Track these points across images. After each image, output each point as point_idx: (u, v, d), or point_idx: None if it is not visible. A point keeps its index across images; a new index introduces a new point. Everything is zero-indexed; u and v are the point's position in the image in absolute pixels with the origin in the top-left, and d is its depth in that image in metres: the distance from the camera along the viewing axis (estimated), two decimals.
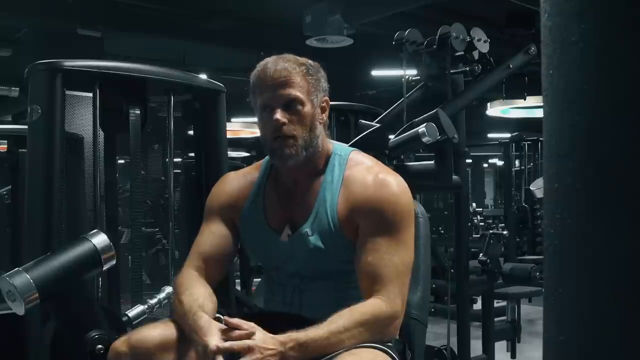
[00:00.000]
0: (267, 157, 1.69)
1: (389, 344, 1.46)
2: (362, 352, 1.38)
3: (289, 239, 1.58)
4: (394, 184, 1.54)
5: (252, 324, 1.35)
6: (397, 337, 1.51)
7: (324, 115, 1.60)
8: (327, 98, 1.60)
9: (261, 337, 1.32)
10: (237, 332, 1.34)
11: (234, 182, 1.70)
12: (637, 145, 0.58)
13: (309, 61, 1.58)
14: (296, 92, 1.51)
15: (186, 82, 2.17)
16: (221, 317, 1.51)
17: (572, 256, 0.63)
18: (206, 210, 1.70)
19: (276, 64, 1.53)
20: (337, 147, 1.64)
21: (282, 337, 1.33)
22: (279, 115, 1.50)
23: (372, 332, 1.42)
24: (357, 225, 1.52)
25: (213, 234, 1.64)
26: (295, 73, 1.52)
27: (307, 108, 1.53)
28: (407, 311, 1.54)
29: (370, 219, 1.50)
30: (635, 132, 0.58)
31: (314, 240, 1.54)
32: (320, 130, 1.58)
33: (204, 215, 1.70)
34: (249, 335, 1.32)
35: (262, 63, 1.56)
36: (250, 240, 1.68)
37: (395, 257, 1.48)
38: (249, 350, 1.30)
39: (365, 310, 1.42)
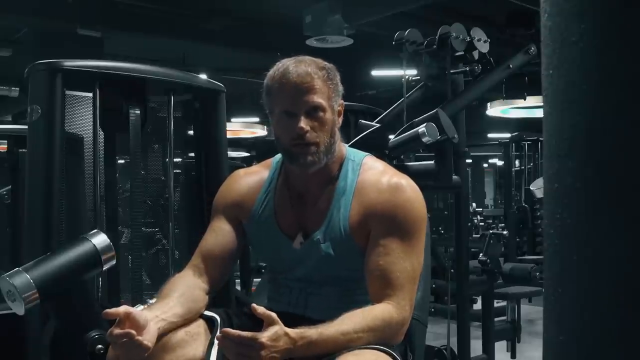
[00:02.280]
0: (276, 156, 1.68)
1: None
2: (365, 352, 1.37)
3: (301, 246, 1.57)
4: (408, 188, 1.53)
5: (275, 315, 1.30)
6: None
7: (340, 119, 1.58)
8: (342, 101, 1.59)
9: (274, 332, 1.28)
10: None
11: (242, 181, 1.69)
12: (637, 146, 0.58)
13: (327, 64, 1.55)
14: (320, 99, 1.49)
15: (186, 82, 2.17)
16: (216, 317, 1.50)
17: (572, 256, 0.63)
18: (213, 208, 1.69)
19: (297, 68, 1.50)
20: (350, 152, 1.63)
21: (295, 334, 1.30)
22: (303, 123, 1.48)
23: (381, 337, 1.41)
24: (369, 230, 1.51)
25: (217, 233, 1.63)
26: (318, 78, 1.50)
27: (329, 114, 1.52)
28: None
29: (384, 223, 1.49)
30: (635, 132, 0.58)
31: (326, 247, 1.53)
32: (338, 135, 1.57)
33: (212, 213, 1.69)
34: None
35: (281, 66, 1.52)
36: (258, 241, 1.67)
37: (407, 263, 1.48)
38: (259, 344, 1.25)
39: (376, 315, 1.42)
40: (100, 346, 1.61)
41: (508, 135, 7.47)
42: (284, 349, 1.28)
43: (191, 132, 2.31)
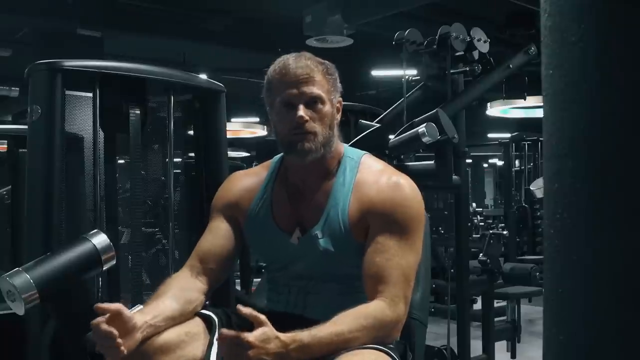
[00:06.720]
0: (275, 157, 1.69)
1: (391, 345, 1.46)
2: (364, 352, 1.37)
3: (298, 241, 1.57)
4: (407, 187, 1.55)
5: (264, 317, 1.29)
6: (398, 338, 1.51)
7: (338, 115, 1.60)
8: (341, 99, 1.61)
9: (262, 332, 1.27)
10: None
11: (240, 181, 1.70)
12: (637, 145, 0.58)
13: (326, 61, 1.58)
14: (318, 90, 1.52)
15: (186, 82, 2.17)
16: (214, 317, 1.50)
17: (572, 256, 0.63)
18: (211, 208, 1.69)
19: (297, 61, 1.53)
20: (349, 151, 1.64)
21: (286, 337, 1.30)
22: (302, 112, 1.50)
23: (376, 335, 1.41)
24: (367, 227, 1.52)
25: (215, 233, 1.63)
26: (317, 71, 1.53)
27: (327, 107, 1.54)
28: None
29: (382, 220, 1.50)
30: (635, 132, 0.58)
31: (324, 243, 1.53)
32: (336, 130, 1.59)
33: (210, 214, 1.70)
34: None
35: (281, 60, 1.55)
36: (256, 239, 1.67)
37: (403, 260, 1.48)
38: (246, 344, 1.24)
39: (369, 313, 1.42)
40: None
41: (508, 135, 7.48)
42: (274, 353, 1.27)
43: (191, 132, 2.31)
